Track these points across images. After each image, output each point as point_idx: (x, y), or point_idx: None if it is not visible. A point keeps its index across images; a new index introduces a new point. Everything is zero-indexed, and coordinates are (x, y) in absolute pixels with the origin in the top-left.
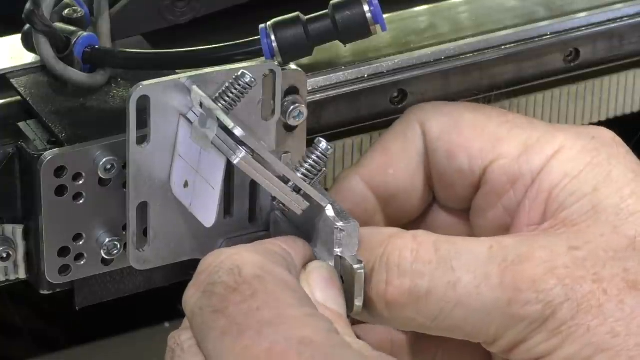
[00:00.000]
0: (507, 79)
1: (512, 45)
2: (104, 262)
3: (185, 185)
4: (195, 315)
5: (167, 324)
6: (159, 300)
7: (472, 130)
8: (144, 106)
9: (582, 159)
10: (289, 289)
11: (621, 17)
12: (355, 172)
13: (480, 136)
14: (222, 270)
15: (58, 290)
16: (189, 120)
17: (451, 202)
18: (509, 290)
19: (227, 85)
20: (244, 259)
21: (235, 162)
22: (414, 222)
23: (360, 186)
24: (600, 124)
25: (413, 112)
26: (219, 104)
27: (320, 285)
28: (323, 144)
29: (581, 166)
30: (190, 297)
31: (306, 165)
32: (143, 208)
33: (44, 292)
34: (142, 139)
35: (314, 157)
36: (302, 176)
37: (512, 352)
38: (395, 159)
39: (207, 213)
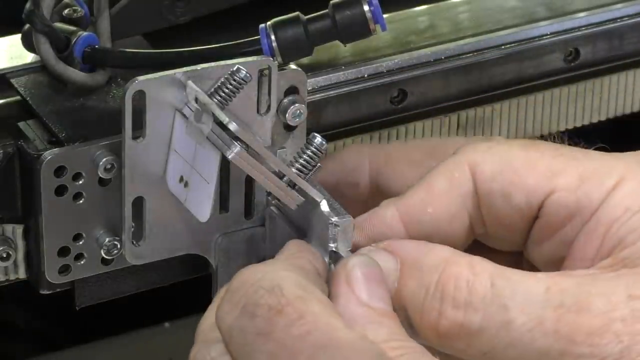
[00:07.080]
0: (507, 79)
1: (512, 45)
2: (104, 262)
3: (181, 180)
4: (234, 336)
5: (167, 324)
6: (159, 300)
7: (526, 168)
8: (140, 105)
9: None
10: (331, 310)
11: (621, 17)
12: (393, 202)
13: (535, 172)
14: (261, 289)
15: (58, 290)
16: (184, 115)
17: (504, 243)
18: (563, 340)
19: (222, 80)
20: (283, 277)
21: (230, 157)
22: None
23: (394, 218)
24: (600, 124)
25: (463, 152)
26: (214, 99)
27: (363, 284)
28: (318, 139)
29: None
30: (226, 315)
31: (301, 161)
32: (138, 203)
33: (44, 292)
34: (137, 134)
35: (308, 152)
36: (296, 171)
37: None
38: (437, 199)
39: (202, 208)
